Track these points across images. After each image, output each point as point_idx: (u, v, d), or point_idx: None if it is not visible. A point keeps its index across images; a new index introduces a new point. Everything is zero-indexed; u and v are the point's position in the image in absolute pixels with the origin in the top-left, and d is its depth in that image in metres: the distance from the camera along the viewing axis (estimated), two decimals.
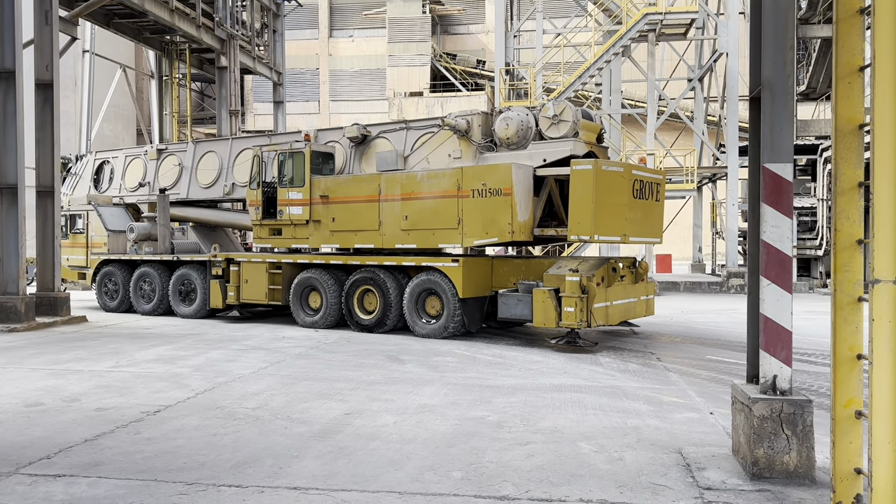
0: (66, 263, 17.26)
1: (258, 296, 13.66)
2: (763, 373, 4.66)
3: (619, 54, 22.70)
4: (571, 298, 10.17)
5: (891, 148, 3.42)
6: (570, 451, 5.37)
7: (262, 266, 13.63)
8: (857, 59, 3.84)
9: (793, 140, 4.66)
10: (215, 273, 14.24)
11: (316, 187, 13.08)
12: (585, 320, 10.18)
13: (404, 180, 12.08)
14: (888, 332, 3.46)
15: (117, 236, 16.41)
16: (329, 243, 13.08)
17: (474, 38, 38.97)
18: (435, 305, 11.76)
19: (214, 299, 14.26)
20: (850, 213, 3.88)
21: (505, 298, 11.07)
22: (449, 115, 12.59)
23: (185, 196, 16.36)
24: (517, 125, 11.72)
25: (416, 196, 11.92)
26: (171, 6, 20.93)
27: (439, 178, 11.73)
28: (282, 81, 28.76)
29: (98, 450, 5.38)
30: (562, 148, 11.44)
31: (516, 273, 11.81)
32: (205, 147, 16.45)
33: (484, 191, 11.19)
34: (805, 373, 8.79)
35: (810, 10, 25.27)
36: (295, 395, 7.34)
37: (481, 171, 11.31)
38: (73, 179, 18.70)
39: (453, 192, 11.49)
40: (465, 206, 11.39)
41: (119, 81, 32.39)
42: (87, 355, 9.94)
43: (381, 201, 12.28)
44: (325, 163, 13.54)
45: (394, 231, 12.19)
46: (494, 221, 11.08)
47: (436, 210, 11.70)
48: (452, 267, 11.39)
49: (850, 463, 3.85)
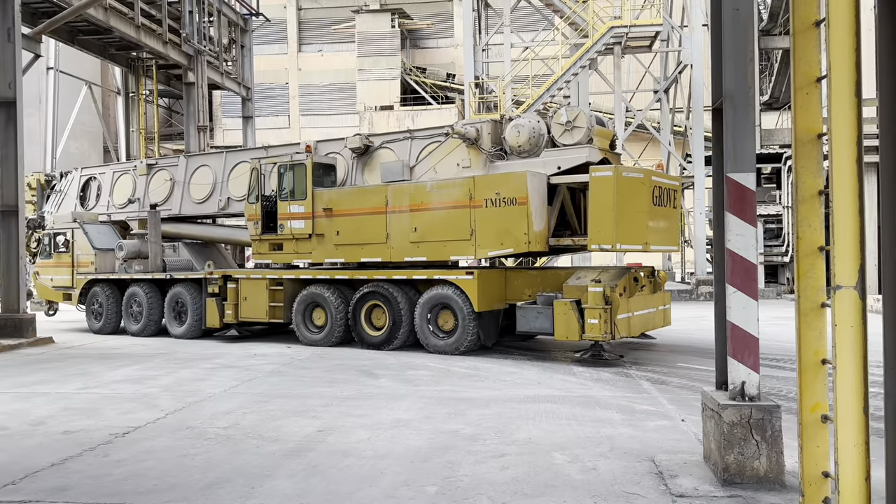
0: (49, 284, 16.66)
1: (258, 314, 13.22)
2: (731, 379, 4.72)
3: (585, 67, 22.98)
4: (595, 310, 9.83)
5: (848, 156, 3.50)
6: (544, 462, 5.38)
7: (262, 283, 13.19)
8: (814, 71, 3.94)
9: (755, 150, 4.75)
10: (211, 291, 13.74)
11: (319, 200, 12.64)
12: (610, 332, 9.84)
13: (413, 191, 11.70)
14: (851, 338, 3.53)
15: (105, 255, 15.83)
16: (333, 258, 12.61)
17: (444, 52, 39.17)
18: (448, 320, 11.36)
19: (211, 318, 13.75)
20: (812, 221, 3.97)
21: (524, 311, 10.70)
22: (457, 123, 12.23)
23: (178, 212, 15.84)
24: (529, 132, 11.37)
25: (426, 207, 11.53)
26: (136, 23, 20.77)
27: (450, 188, 11.37)
28: (250, 96, 28.62)
29: (65, 474, 5.27)
30: (577, 155, 11.13)
31: (531, 285, 11.43)
32: (197, 161, 15.94)
33: (498, 200, 10.84)
34: (774, 378, 8.92)
35: (771, 21, 25.82)
36: (267, 413, 7.26)
37: (494, 180, 10.99)
38: (57, 197, 18.03)
39: (465, 202, 11.15)
40: (477, 216, 11.04)
41: (85, 98, 31.99)
42: (54, 377, 9.74)
43: (389, 213, 11.87)
44: (326, 175, 13.10)
45: (403, 244, 11.77)
46: (509, 232, 10.74)
47: (447, 221, 11.32)
48: (467, 280, 11.04)
49: (817, 466, 3.91)
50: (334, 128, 35.43)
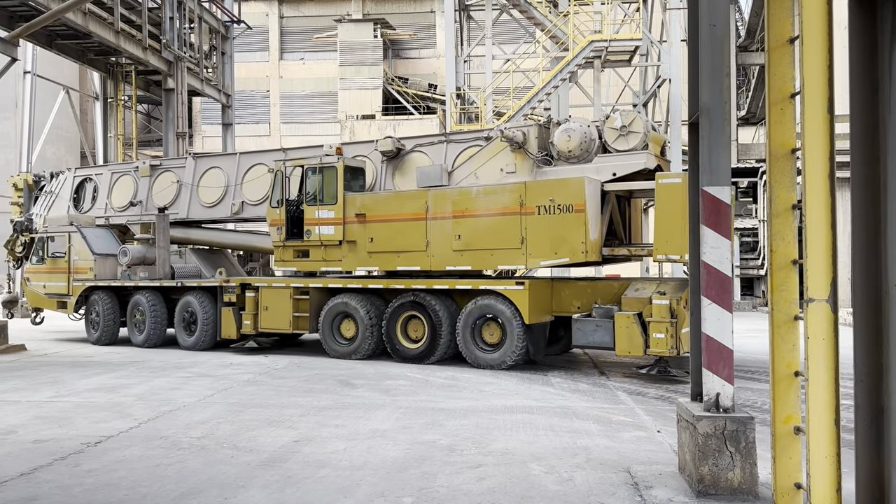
0: (41, 291, 15.77)
1: (280, 324, 12.56)
2: (706, 391, 4.76)
3: (566, 80, 23.15)
4: (661, 324, 9.36)
5: (821, 171, 3.56)
6: (520, 472, 5.37)
7: (285, 291, 12.51)
8: (788, 87, 4.01)
9: (730, 164, 4.81)
10: (228, 300, 13.08)
11: (350, 205, 12.02)
12: (675, 347, 9.36)
13: (456, 197, 11.18)
14: (823, 350, 3.58)
15: (105, 260, 15.01)
16: (366, 266, 12.02)
17: (426, 63, 39.29)
18: (494, 332, 10.85)
19: (227, 329, 13.06)
20: (785, 235, 4.03)
21: (581, 324, 10.15)
22: (503, 126, 11.71)
23: (185, 216, 15.02)
24: (580, 137, 10.94)
25: (471, 213, 11.03)
26: (116, 28, 20.60)
27: (498, 193, 10.86)
28: (231, 104, 28.47)
29: (34, 484, 5.17)
30: (634, 161, 10.69)
31: (580, 296, 10.92)
32: (207, 162, 15.18)
33: (552, 207, 10.37)
34: (749, 390, 9.00)
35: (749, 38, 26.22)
36: (242, 422, 7.19)
37: (549, 186, 10.53)
38: (47, 198, 17.06)
39: (515, 208, 10.66)
40: (529, 223, 10.55)
41: (62, 103, 31.61)
42: (25, 385, 9.57)
43: (429, 219, 11.33)
44: (354, 178, 12.47)
45: (444, 252, 11.24)
46: (565, 240, 10.27)
47: (494, 228, 10.83)
48: (517, 290, 10.49)
49: (790, 478, 3.95)
50: (316, 136, 35.33)
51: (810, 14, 3.54)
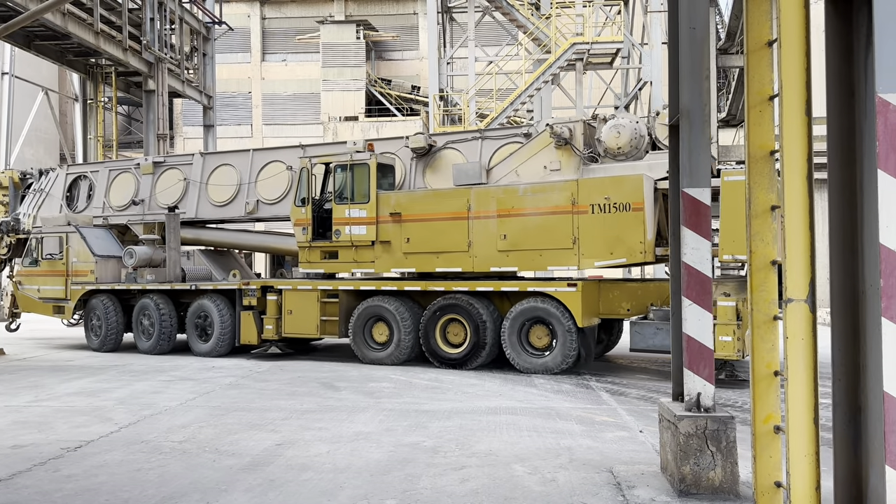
0: (35, 295, 14.89)
1: (307, 329, 12.00)
2: (687, 391, 4.80)
3: (548, 82, 23.24)
4: (728, 326, 8.88)
5: (799, 173, 3.60)
6: (504, 473, 5.38)
7: (312, 294, 11.95)
8: (767, 89, 4.05)
9: (710, 165, 4.86)
10: (248, 303, 12.48)
11: (384, 204, 11.53)
12: (741, 350, 8.95)
13: (501, 195, 10.76)
14: (802, 350, 3.62)
15: (107, 262, 14.32)
16: (402, 267, 11.51)
17: (409, 65, 39.25)
18: (542, 336, 10.49)
19: (247, 334, 12.47)
20: (764, 236, 4.07)
21: (639, 327, 9.62)
22: (552, 122, 11.30)
23: (194, 215, 14.43)
24: (630, 134, 10.65)
25: (518, 212, 10.60)
26: (95, 29, 20.41)
27: (547, 191, 10.45)
28: (212, 105, 28.31)
29: (13, 489, 5.11)
30: None
31: (629, 298, 10.50)
32: (217, 159, 14.65)
33: (607, 206, 10.00)
34: (730, 389, 9.07)
35: (729, 40, 26.45)
36: (224, 426, 7.14)
37: (603, 184, 10.16)
38: (36, 197, 16.27)
39: (566, 207, 10.27)
40: (582, 223, 10.18)
41: (41, 104, 31.28)
42: (4, 389, 9.45)
43: (472, 219, 10.89)
44: (384, 176, 11.99)
45: (488, 252, 10.79)
46: (621, 240, 9.91)
47: (544, 228, 10.41)
48: (569, 292, 10.12)
49: (770, 477, 3.99)
50: (298, 137, 35.16)
51: (788, 18, 3.57)
